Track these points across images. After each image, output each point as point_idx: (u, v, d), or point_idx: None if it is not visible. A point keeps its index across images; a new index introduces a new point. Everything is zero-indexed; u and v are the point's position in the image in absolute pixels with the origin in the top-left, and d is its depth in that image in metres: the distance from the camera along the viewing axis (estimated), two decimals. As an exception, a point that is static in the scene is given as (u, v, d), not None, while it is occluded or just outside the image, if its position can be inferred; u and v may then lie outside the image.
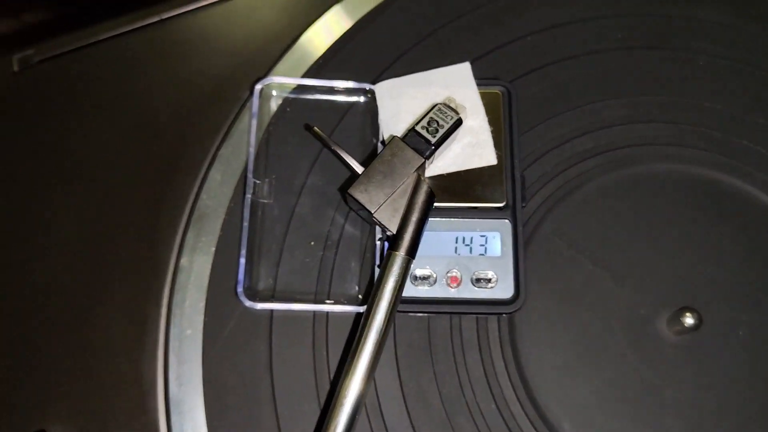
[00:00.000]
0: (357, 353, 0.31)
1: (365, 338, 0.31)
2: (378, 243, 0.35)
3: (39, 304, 0.37)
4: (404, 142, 0.33)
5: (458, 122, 0.34)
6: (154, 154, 0.40)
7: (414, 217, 0.32)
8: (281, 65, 0.40)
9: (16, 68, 0.42)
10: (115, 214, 0.39)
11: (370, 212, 0.32)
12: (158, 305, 0.37)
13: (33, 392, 0.35)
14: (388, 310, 0.31)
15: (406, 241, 0.32)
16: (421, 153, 0.33)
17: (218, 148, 0.39)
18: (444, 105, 0.34)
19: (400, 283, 0.31)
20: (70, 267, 0.37)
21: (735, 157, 0.37)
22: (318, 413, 0.34)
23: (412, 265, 0.33)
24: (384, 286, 0.31)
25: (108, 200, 0.39)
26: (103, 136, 0.40)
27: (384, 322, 0.31)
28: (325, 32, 0.41)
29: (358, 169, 0.33)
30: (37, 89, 0.42)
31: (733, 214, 0.36)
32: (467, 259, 0.34)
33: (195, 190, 0.38)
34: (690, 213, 0.36)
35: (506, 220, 0.35)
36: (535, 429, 0.33)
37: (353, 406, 0.30)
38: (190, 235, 0.37)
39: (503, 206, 0.35)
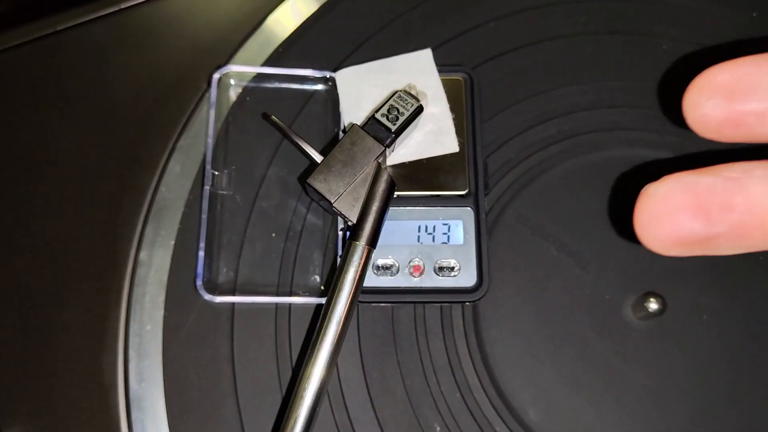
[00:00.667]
0: (317, 344, 0.30)
1: (326, 329, 0.30)
2: (340, 233, 0.35)
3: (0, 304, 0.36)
4: (364, 130, 0.33)
5: (419, 109, 0.34)
6: (113, 146, 0.39)
7: (374, 207, 0.32)
8: (241, 54, 0.39)
9: (-32, 60, 0.41)
10: (74, 208, 0.38)
11: (329, 202, 0.32)
12: (118, 301, 0.36)
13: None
14: (348, 300, 0.31)
15: (366, 231, 0.31)
16: (381, 141, 0.33)
17: (177, 140, 0.38)
18: (404, 92, 0.34)
19: (360, 273, 0.31)
20: (28, 264, 0.37)
21: (699, 142, 0.37)
22: (280, 404, 0.33)
23: (374, 255, 0.33)
24: (344, 277, 0.31)
25: (66, 194, 0.38)
26: (60, 129, 0.39)
27: (344, 312, 0.30)
28: (286, 19, 0.40)
29: (318, 158, 0.33)
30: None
31: (696, 198, 0.36)
32: (430, 247, 0.34)
33: (154, 182, 0.38)
34: (653, 198, 0.36)
35: (469, 208, 0.34)
36: (500, 416, 0.33)
37: (314, 397, 0.30)
38: (149, 228, 0.36)
39: (465, 194, 0.35)
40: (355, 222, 0.32)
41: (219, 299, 0.34)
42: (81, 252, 0.37)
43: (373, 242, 0.31)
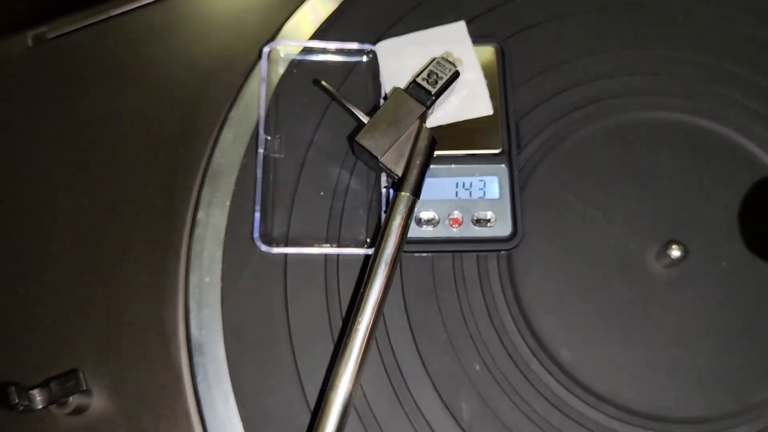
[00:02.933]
0: (369, 283, 0.33)
1: (376, 269, 0.33)
2: (383, 191, 0.37)
3: (67, 259, 0.39)
4: (406, 93, 0.36)
5: (456, 74, 0.37)
6: (169, 119, 0.42)
7: (418, 161, 0.34)
8: (286, 30, 0.42)
9: (30, 44, 0.44)
10: (133, 175, 0.41)
11: (376, 158, 0.35)
12: (177, 256, 0.39)
13: (65, 337, 0.38)
14: (395, 244, 0.33)
15: (411, 183, 0.34)
16: (422, 102, 0.35)
17: (229, 111, 0.41)
18: (442, 59, 0.37)
19: (406, 220, 0.34)
20: (94, 225, 0.40)
21: (713, 103, 0.40)
22: (331, 348, 0.36)
23: (415, 209, 0.36)
24: (392, 224, 0.34)
25: (126, 163, 0.41)
26: (117, 107, 0.42)
27: (393, 255, 0.33)
28: None
29: (364, 119, 0.36)
30: (51, 64, 0.44)
31: (713, 155, 0.39)
32: (467, 201, 0.37)
33: (208, 150, 0.41)
34: (673, 155, 0.39)
35: (503, 165, 0.37)
36: (535, 356, 0.36)
37: (365, 335, 0.33)
38: (206, 191, 0.39)
39: (500, 152, 0.37)
40: (400, 175, 0.35)
41: (275, 250, 0.37)
42: (141, 214, 0.40)
43: (417, 193, 0.34)
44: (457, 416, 0.35)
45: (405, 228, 0.34)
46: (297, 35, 0.42)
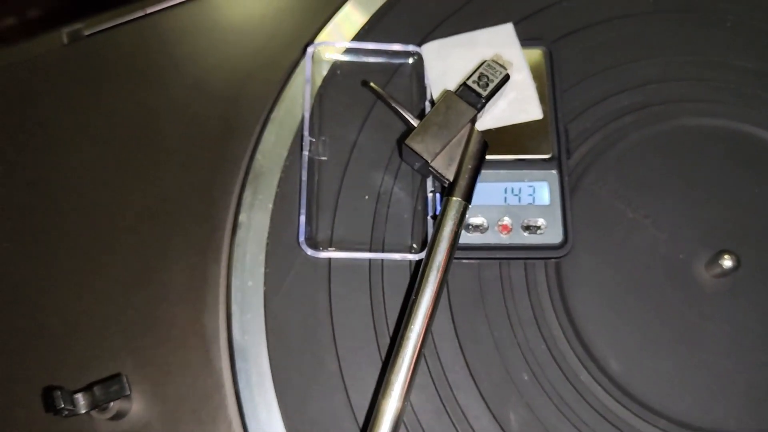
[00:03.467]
0: (420, 290, 0.32)
1: (427, 276, 0.32)
2: (430, 195, 0.37)
3: (105, 262, 0.38)
4: (457, 95, 0.35)
5: (506, 77, 0.36)
6: (206, 119, 0.41)
7: (470, 165, 0.34)
8: (327, 30, 0.42)
9: (65, 41, 0.44)
10: (172, 175, 0.40)
11: (426, 161, 0.34)
12: (217, 261, 0.39)
13: (104, 341, 0.37)
14: (447, 250, 0.33)
15: (462, 187, 0.34)
16: (473, 105, 0.35)
17: (270, 111, 0.40)
18: (493, 61, 0.36)
19: (458, 225, 0.33)
20: (133, 227, 0.39)
21: (763, 110, 0.39)
22: (377, 355, 0.36)
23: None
24: (443, 229, 0.33)
25: (165, 163, 0.40)
26: (154, 106, 0.42)
27: (444, 261, 0.33)
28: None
29: (414, 121, 0.35)
30: (87, 62, 0.43)
31: (765, 164, 0.38)
32: (517, 207, 0.36)
33: (249, 152, 0.40)
34: (723, 163, 0.38)
35: (553, 171, 0.37)
36: (584, 366, 0.35)
37: (417, 342, 0.32)
38: (247, 193, 0.39)
39: (550, 157, 0.37)
40: (451, 180, 0.34)
41: (320, 254, 0.36)
42: (180, 216, 0.39)
43: (468, 197, 0.34)
44: (505, 427, 0.34)
45: (457, 234, 0.33)
46: (338, 36, 0.41)
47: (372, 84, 0.36)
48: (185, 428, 0.36)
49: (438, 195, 0.36)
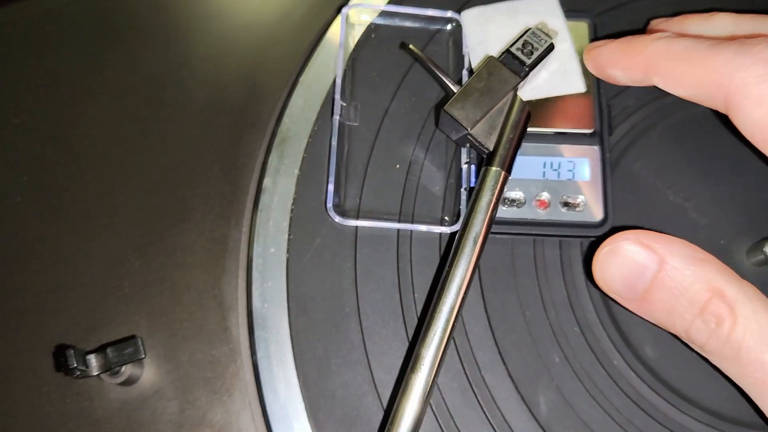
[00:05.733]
0: (454, 262, 0.31)
1: (462, 248, 0.31)
2: (464, 166, 0.35)
3: (123, 220, 0.37)
4: (500, 62, 0.33)
5: (551, 47, 0.34)
6: (232, 81, 0.40)
7: (511, 134, 0.32)
8: (362, -6, 0.40)
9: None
10: (194, 140, 0.39)
11: (466, 129, 0.32)
12: (239, 225, 0.37)
13: (118, 303, 0.36)
14: (485, 223, 0.31)
15: (503, 157, 0.32)
16: (516, 73, 0.33)
17: (299, 75, 0.39)
18: (537, 29, 0.34)
19: (496, 197, 0.32)
20: (154, 188, 0.38)
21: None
22: (403, 329, 0.34)
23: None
24: (480, 200, 0.32)
25: (187, 126, 0.39)
26: (178, 64, 0.40)
27: (482, 234, 0.31)
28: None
29: (454, 88, 0.33)
30: (111, 15, 0.42)
31: (814, 151, 0.37)
32: (555, 183, 0.35)
33: (276, 115, 0.39)
34: (770, 149, 0.37)
35: (595, 147, 0.35)
36: (618, 351, 0.34)
37: (449, 316, 0.31)
38: (272, 157, 0.37)
39: (592, 132, 0.35)
40: (491, 149, 0.32)
41: (348, 222, 0.34)
42: (201, 179, 0.38)
43: (509, 168, 0.32)
44: (533, 410, 0.33)
45: (495, 206, 0.32)
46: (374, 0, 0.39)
47: (412, 46, 0.35)
48: (198, 397, 0.35)
49: (473, 167, 0.35)
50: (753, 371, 0.27)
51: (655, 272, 0.28)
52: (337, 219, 0.34)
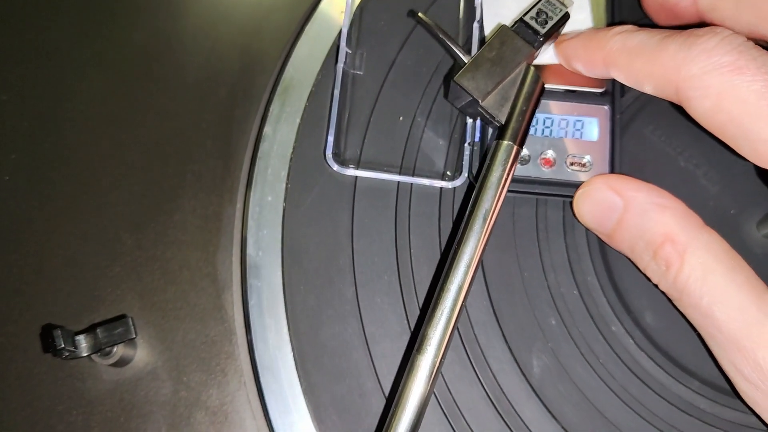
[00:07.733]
0: (463, 239, 0.29)
1: (472, 225, 0.29)
2: (469, 121, 0.34)
3: (115, 201, 0.36)
4: (513, 31, 0.32)
5: (566, 16, 0.33)
6: (235, 31, 0.39)
7: (524, 107, 0.31)
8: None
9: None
10: (196, 86, 0.38)
11: (477, 101, 0.31)
12: (237, 172, 0.36)
13: (110, 284, 0.35)
14: (495, 198, 0.30)
15: (515, 130, 0.31)
16: (530, 43, 0.32)
17: (304, 23, 0.38)
18: (552, -3, 0.33)
19: (508, 172, 0.30)
20: (145, 164, 0.37)
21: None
22: (397, 284, 0.33)
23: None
24: (491, 175, 0.30)
25: (188, 73, 0.38)
26: (178, 18, 0.39)
27: (492, 211, 0.30)
28: None
29: (465, 57, 0.32)
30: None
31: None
32: (562, 141, 0.34)
33: (279, 64, 0.38)
34: (788, 118, 0.35)
35: (605, 106, 0.34)
36: (617, 316, 0.33)
37: (457, 296, 0.29)
38: (274, 105, 0.36)
39: (603, 92, 0.34)
40: (503, 122, 0.31)
41: (347, 171, 0.34)
42: (203, 123, 0.37)
43: (522, 142, 0.31)
44: (526, 372, 0.32)
45: (507, 181, 0.30)
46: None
47: (420, 14, 0.34)
48: (192, 377, 0.34)
49: (479, 122, 0.34)
50: (693, 314, 0.29)
51: (621, 214, 0.30)
52: (336, 167, 0.34)
